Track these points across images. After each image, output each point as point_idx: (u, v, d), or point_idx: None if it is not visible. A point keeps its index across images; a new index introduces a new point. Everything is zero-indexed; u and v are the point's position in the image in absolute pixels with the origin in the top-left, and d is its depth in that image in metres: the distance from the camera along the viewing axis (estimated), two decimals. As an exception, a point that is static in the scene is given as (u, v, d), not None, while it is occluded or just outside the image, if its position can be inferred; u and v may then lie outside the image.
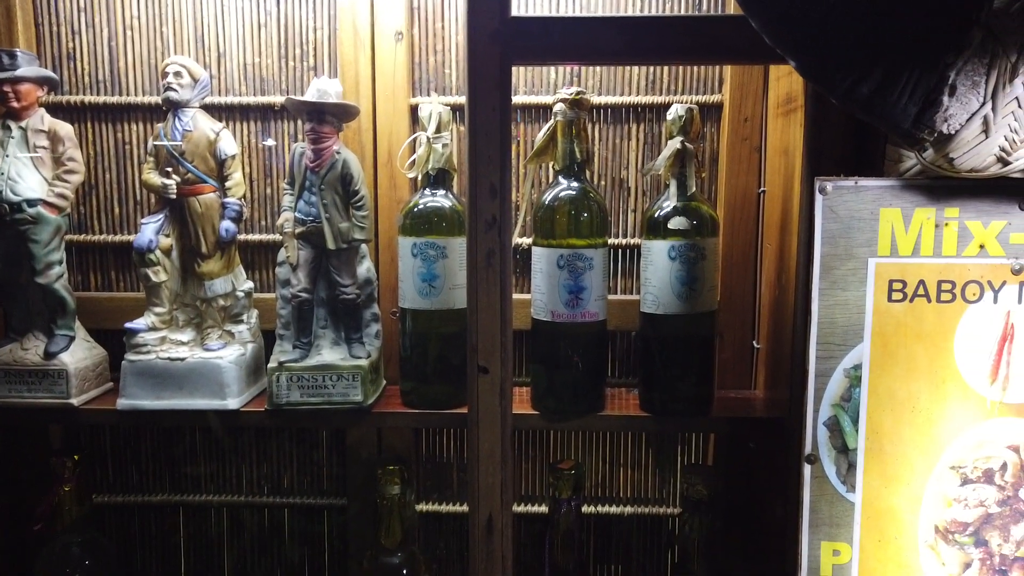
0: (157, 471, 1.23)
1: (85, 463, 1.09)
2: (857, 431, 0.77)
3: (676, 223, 0.95)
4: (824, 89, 0.71)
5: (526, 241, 1.12)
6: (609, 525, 1.20)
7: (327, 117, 0.99)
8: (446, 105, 1.05)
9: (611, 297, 1.04)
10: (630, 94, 1.14)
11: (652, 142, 1.15)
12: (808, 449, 0.78)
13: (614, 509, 1.20)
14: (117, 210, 1.19)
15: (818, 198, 0.76)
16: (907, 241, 0.75)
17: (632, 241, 1.15)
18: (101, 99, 1.16)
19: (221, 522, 1.23)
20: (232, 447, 1.22)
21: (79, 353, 1.05)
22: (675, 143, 0.97)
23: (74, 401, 1.02)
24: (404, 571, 1.06)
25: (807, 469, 0.79)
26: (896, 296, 0.76)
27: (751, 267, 1.11)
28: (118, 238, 1.18)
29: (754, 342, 1.12)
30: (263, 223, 1.19)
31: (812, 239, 0.78)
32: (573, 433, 1.21)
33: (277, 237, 1.18)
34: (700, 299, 0.96)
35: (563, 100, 0.98)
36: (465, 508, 1.22)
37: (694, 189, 0.96)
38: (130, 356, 1.02)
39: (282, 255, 1.04)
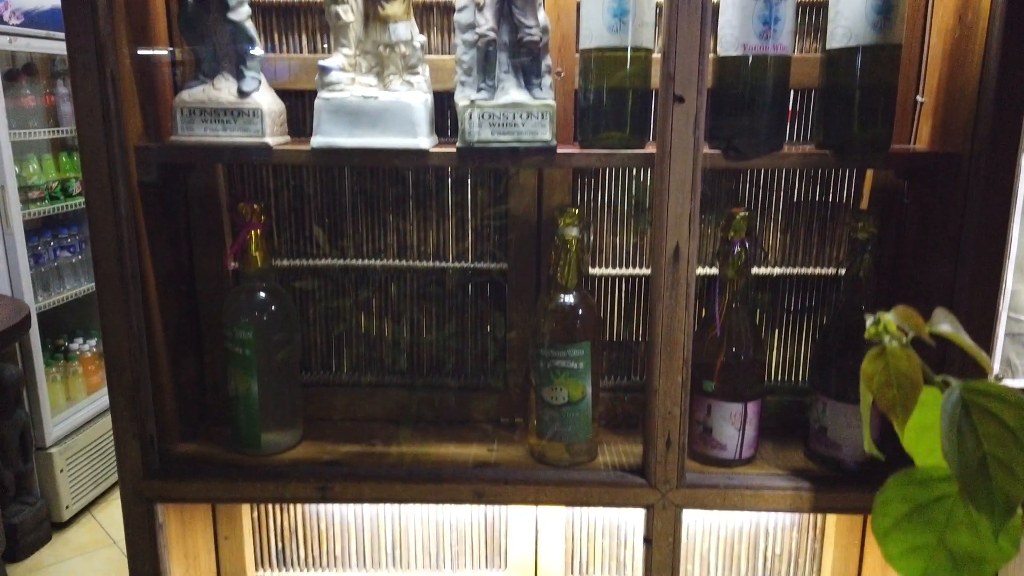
0: (319, 235, 1.28)
1: (267, 213, 1.14)
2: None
3: (875, -53, 0.96)
4: None
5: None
6: (757, 284, 1.26)
7: None
8: None
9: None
10: None
11: None
12: (1027, 138, 0.83)
13: (762, 271, 1.26)
14: (278, -30, 1.19)
15: None
16: None
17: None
18: None
19: (385, 286, 1.29)
20: (394, 211, 1.26)
21: (268, 96, 1.07)
22: None
23: (268, 140, 1.05)
24: (580, 311, 1.12)
25: (1024, 157, 0.83)
26: None
27: (919, 22, 1.13)
28: None
29: (917, 96, 1.15)
30: (423, -14, 1.19)
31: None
32: (722, 199, 1.25)
33: (439, -2, 1.19)
34: (893, 29, 0.99)
35: None
36: (610, 271, 1.28)
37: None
38: (324, 94, 1.04)
39: None
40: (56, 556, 2.54)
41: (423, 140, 1.05)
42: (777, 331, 1.28)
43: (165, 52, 1.14)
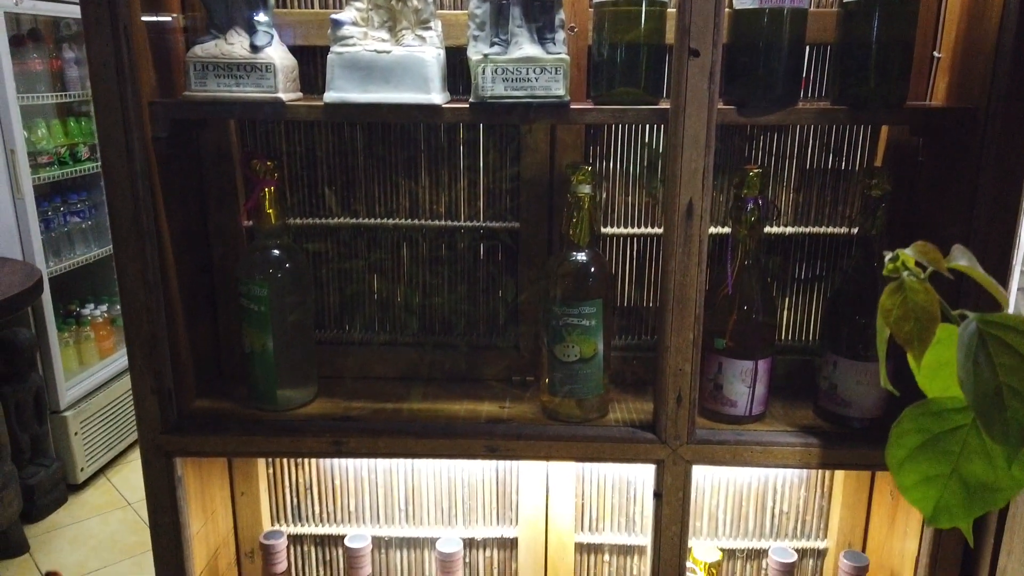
0: (331, 195, 1.28)
1: (280, 171, 1.14)
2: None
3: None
4: None
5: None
6: (769, 243, 1.27)
7: None
8: None
9: None
10: None
11: None
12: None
13: (774, 230, 1.26)
14: (289, -75, 1.18)
15: None
16: None
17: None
18: None
19: (397, 245, 1.29)
20: (406, 171, 1.26)
21: (280, 51, 1.07)
22: None
23: (281, 96, 1.05)
24: (592, 268, 1.13)
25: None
26: None
27: (938, -24, 1.11)
28: (291, -45, 1.18)
29: (934, 52, 1.14)
30: (435, -59, 1.18)
31: None
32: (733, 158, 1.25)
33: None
34: (911, -19, 0.98)
35: None
36: (621, 230, 1.28)
37: None
38: (336, 48, 1.04)
39: (475, -47, 1.04)
40: (72, 517, 2.60)
41: (436, 96, 1.05)
42: (788, 290, 1.28)
43: (177, 7, 1.13)
